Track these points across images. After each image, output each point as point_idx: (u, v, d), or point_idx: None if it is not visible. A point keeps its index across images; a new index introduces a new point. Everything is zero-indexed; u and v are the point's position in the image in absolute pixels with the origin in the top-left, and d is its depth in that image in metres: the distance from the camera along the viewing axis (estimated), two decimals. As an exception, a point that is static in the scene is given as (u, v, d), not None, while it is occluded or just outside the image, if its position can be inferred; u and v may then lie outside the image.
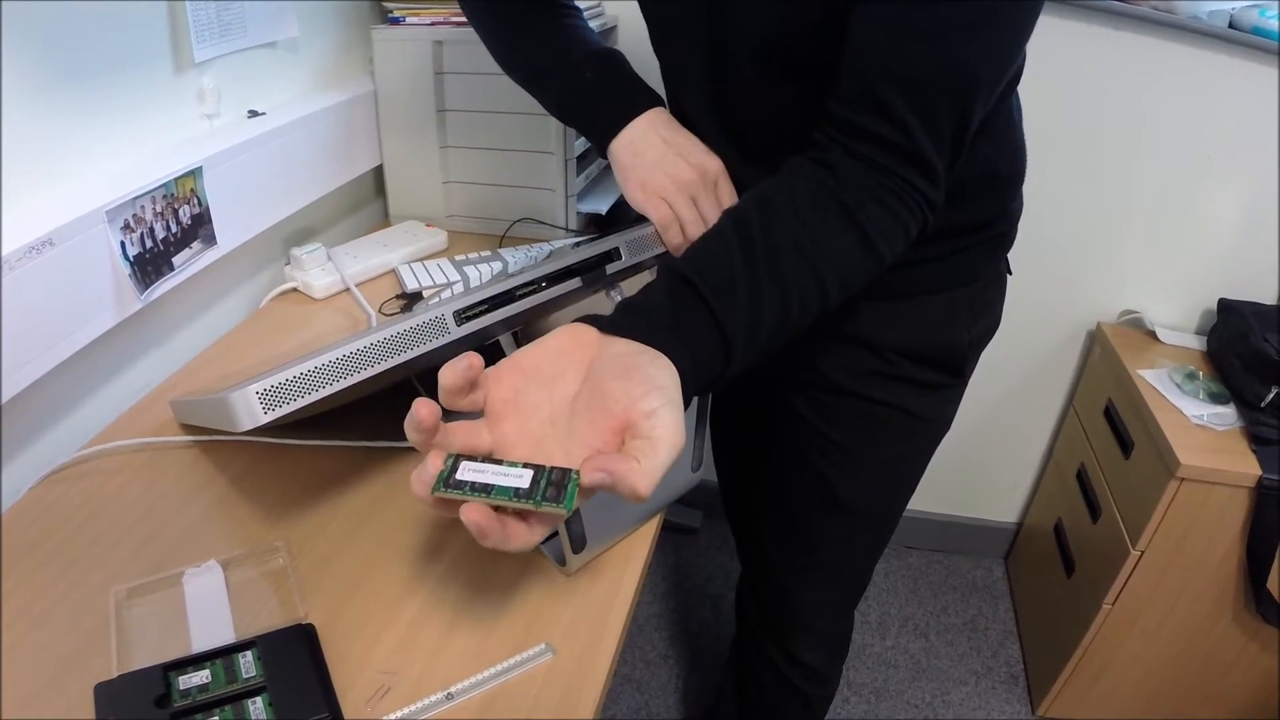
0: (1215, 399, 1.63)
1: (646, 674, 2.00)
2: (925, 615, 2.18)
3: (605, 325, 0.63)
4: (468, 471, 0.56)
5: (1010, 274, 1.04)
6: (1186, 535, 1.55)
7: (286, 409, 0.69)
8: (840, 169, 0.72)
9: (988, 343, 1.04)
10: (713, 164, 0.91)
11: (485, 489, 0.55)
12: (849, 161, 0.73)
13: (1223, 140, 1.66)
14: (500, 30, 1.03)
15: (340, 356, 0.72)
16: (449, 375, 0.57)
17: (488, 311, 0.81)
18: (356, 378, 0.72)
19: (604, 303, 0.94)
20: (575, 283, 0.86)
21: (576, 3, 1.05)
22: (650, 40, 0.96)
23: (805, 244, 0.69)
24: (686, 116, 0.95)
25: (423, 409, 0.55)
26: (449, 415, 0.57)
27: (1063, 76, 1.64)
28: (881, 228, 0.72)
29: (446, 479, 0.55)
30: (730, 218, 0.72)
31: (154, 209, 1.00)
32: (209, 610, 0.75)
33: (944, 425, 1.08)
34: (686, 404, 0.60)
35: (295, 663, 0.69)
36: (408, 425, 0.56)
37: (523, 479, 0.55)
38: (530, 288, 0.85)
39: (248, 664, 0.68)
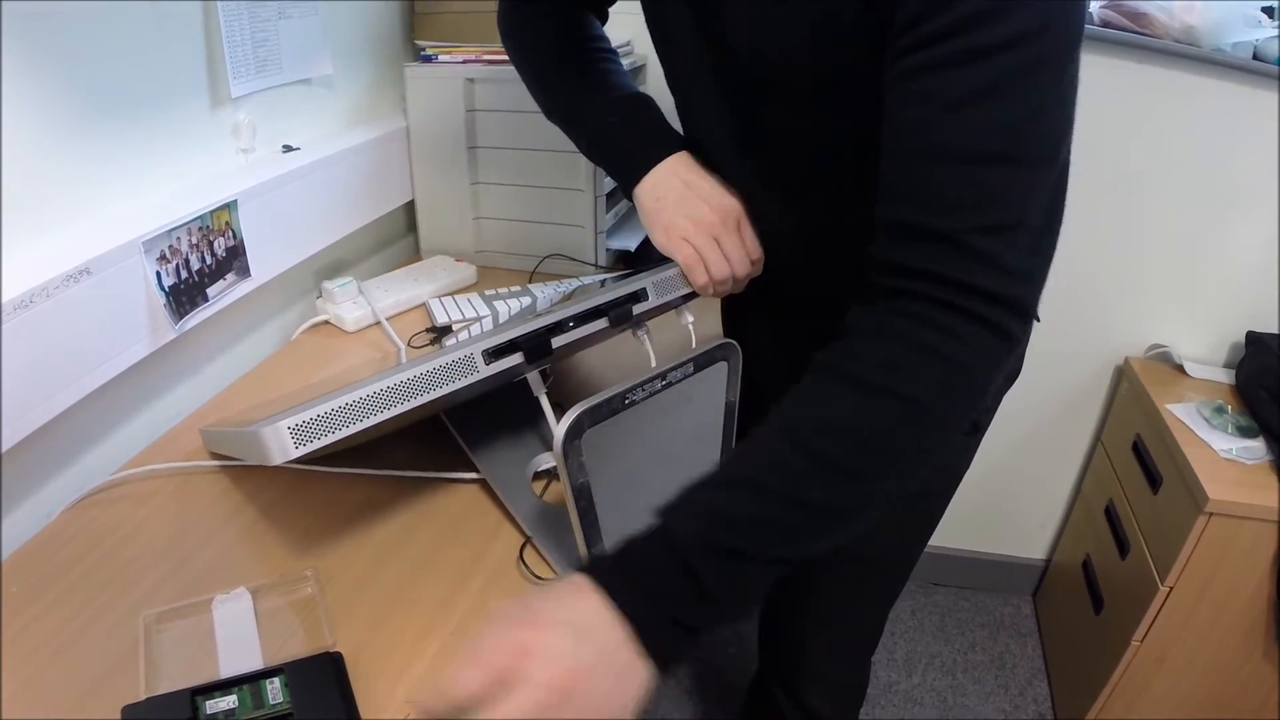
0: (1244, 433, 1.61)
1: (670, 709, 1.98)
2: (952, 653, 2.15)
3: None
4: None
5: (1038, 320, 1.01)
6: (1216, 570, 1.53)
7: (317, 443, 0.70)
8: (866, 339, 0.68)
9: (1007, 391, 1.00)
10: (733, 205, 0.91)
11: None
12: (883, 323, 0.68)
13: (1248, 171, 1.65)
14: (541, 75, 1.05)
15: (371, 393, 0.72)
16: None
17: (516, 351, 0.82)
18: (386, 414, 0.73)
19: (630, 341, 0.96)
20: (602, 323, 0.87)
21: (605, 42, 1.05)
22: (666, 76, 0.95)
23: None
24: (705, 150, 0.94)
25: None
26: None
27: (1086, 110, 1.57)
28: (925, 381, 0.66)
29: None
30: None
31: (190, 240, 1.03)
32: (237, 636, 0.76)
33: (955, 474, 1.05)
34: None
35: (322, 691, 0.69)
36: None
37: None
38: (558, 328, 0.86)
39: (275, 691, 0.69)
